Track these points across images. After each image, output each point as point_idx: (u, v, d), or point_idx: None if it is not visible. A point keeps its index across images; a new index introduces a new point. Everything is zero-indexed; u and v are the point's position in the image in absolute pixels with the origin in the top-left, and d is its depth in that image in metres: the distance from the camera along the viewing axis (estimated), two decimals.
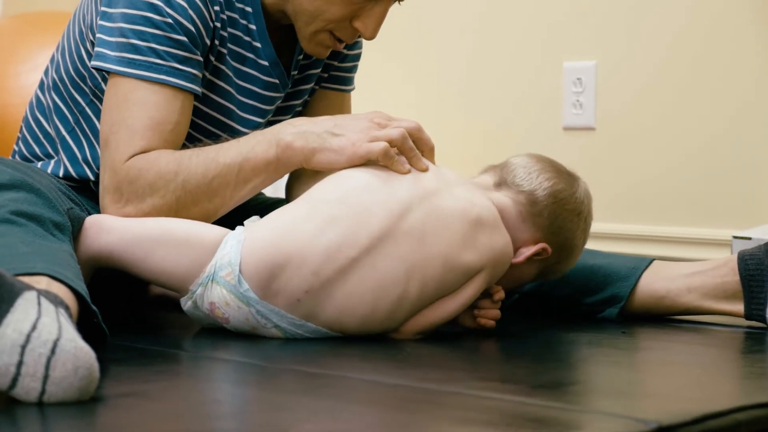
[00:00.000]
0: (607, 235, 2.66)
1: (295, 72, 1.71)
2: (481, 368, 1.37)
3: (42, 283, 1.21)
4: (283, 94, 1.69)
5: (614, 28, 2.68)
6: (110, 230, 1.48)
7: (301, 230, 1.42)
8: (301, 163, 1.49)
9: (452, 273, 1.45)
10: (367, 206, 1.44)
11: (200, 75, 1.56)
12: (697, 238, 2.59)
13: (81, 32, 1.64)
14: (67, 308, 1.15)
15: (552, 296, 1.71)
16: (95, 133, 1.64)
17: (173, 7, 1.52)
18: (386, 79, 2.99)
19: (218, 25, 1.58)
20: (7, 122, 2.63)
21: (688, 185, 2.60)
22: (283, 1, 1.60)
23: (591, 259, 1.72)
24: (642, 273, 1.68)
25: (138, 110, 1.51)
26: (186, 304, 1.46)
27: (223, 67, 1.62)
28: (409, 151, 1.49)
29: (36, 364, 1.06)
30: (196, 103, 1.59)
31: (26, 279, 1.21)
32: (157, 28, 1.51)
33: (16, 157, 1.73)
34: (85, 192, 1.65)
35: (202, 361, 1.38)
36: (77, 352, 1.07)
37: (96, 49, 1.55)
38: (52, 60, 1.72)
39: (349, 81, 1.81)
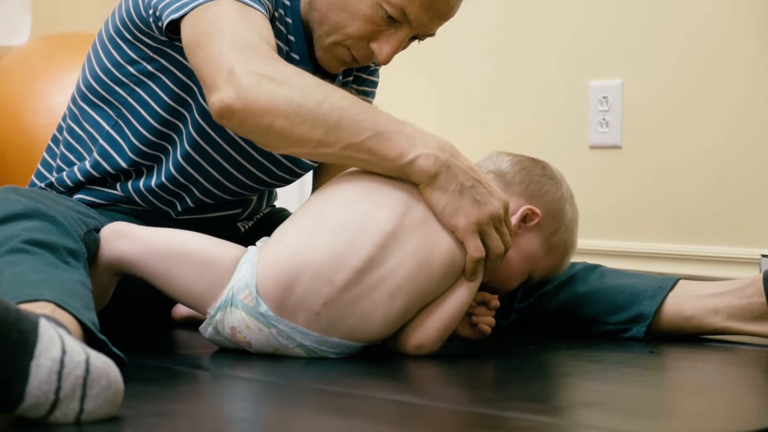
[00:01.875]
0: (634, 253, 2.64)
1: (341, 76, 1.73)
2: (508, 388, 1.37)
3: (47, 309, 1.22)
4: None
5: (640, 46, 2.68)
6: (130, 237, 1.48)
7: (309, 243, 1.42)
8: (419, 181, 1.45)
9: (457, 261, 1.46)
10: (370, 208, 1.44)
11: None
12: (724, 256, 2.57)
13: (116, 25, 1.66)
14: (69, 333, 1.16)
15: (577, 316, 1.71)
16: (139, 120, 1.65)
17: None
18: (410, 98, 3.00)
19: None
20: (35, 143, 2.65)
21: (716, 203, 2.59)
22: (311, 10, 1.62)
23: (616, 279, 1.72)
24: (668, 292, 1.67)
25: (236, 18, 1.46)
26: (207, 330, 1.46)
27: (281, 44, 1.63)
28: (492, 266, 1.49)
29: (74, 386, 1.06)
30: None
31: (31, 305, 1.22)
32: None
33: (53, 173, 1.74)
34: (105, 205, 1.67)
35: (225, 380, 1.38)
36: (106, 367, 1.09)
37: (167, 11, 1.52)
38: (82, 70, 1.73)
39: (369, 93, 1.82)
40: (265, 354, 1.45)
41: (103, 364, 1.09)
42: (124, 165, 1.67)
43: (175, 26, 1.53)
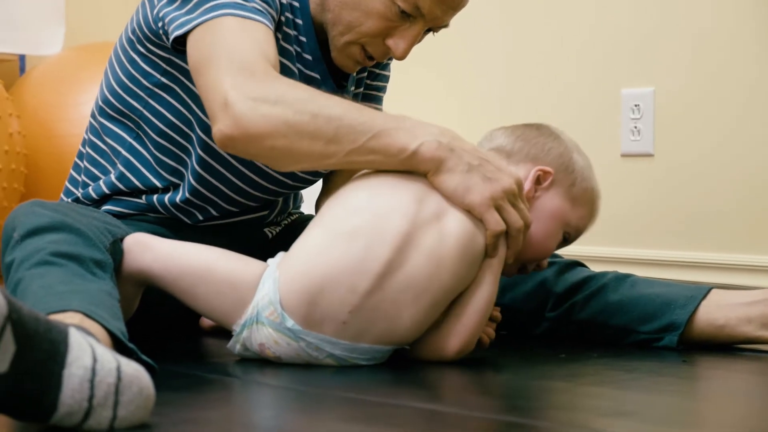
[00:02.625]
0: (666, 262, 2.63)
1: (353, 88, 1.74)
2: (539, 396, 1.36)
3: (75, 319, 1.23)
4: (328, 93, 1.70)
5: (672, 54, 2.67)
6: (152, 249, 1.48)
7: (327, 254, 1.42)
8: (427, 171, 1.46)
9: (476, 243, 1.46)
10: (382, 211, 1.44)
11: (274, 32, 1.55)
12: (758, 265, 2.56)
13: (130, 38, 1.67)
14: (98, 341, 1.16)
15: (608, 325, 1.70)
16: (156, 131, 1.66)
17: None
18: (435, 107, 2.99)
19: (284, 2, 1.61)
20: (68, 152, 2.67)
21: (749, 211, 2.57)
22: (323, 11, 1.63)
23: (648, 288, 1.71)
24: (701, 301, 1.66)
25: (237, 35, 1.47)
26: (235, 348, 1.47)
27: (289, 48, 1.63)
28: (515, 243, 1.49)
29: (106, 393, 1.07)
30: None
31: (60, 316, 1.23)
32: None
33: (79, 189, 1.76)
34: (133, 215, 1.68)
35: (254, 388, 1.38)
36: (137, 374, 1.09)
37: (172, 26, 1.54)
38: (101, 84, 1.75)
39: (377, 99, 1.83)
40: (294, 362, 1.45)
41: (134, 370, 1.09)
42: (150, 176, 1.68)
43: (181, 40, 1.55)
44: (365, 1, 1.58)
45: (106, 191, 1.71)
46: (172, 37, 1.55)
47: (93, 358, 1.08)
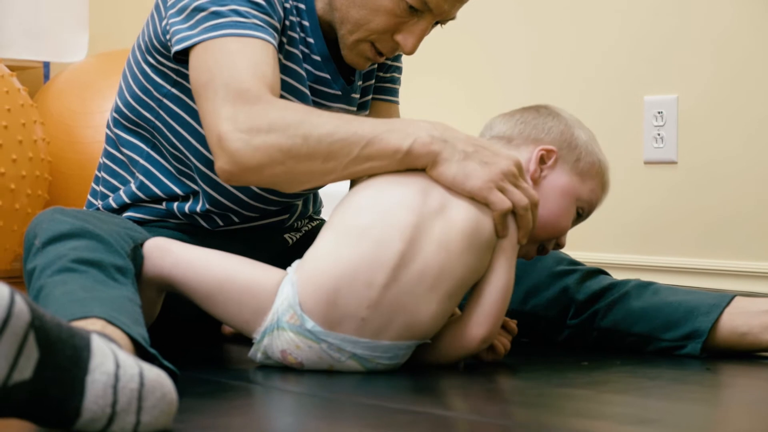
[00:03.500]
0: (689, 269, 2.62)
1: (361, 81, 1.74)
2: (561, 404, 1.36)
3: (97, 325, 1.24)
4: (338, 92, 1.71)
5: (696, 61, 2.66)
6: (171, 254, 1.49)
7: (339, 253, 1.43)
8: (425, 165, 1.48)
9: (483, 229, 1.46)
10: (389, 207, 1.45)
11: (278, 41, 1.57)
12: None
13: (141, 49, 1.68)
14: (120, 347, 1.17)
15: (631, 332, 1.69)
16: (169, 142, 1.67)
17: None
18: (457, 117, 2.99)
19: (288, 6, 1.62)
20: (92, 158, 2.68)
21: None
22: (331, 10, 1.64)
23: (671, 295, 1.70)
24: (724, 309, 1.65)
25: (235, 58, 1.50)
26: (256, 356, 1.47)
27: (295, 52, 1.65)
28: (525, 222, 1.49)
29: (129, 398, 1.07)
30: None
31: (82, 323, 1.23)
32: None
33: (98, 200, 1.77)
34: (154, 221, 1.69)
35: (277, 394, 1.38)
36: (160, 379, 1.09)
37: (175, 39, 1.56)
38: (116, 96, 1.76)
39: (393, 92, 1.84)
40: (317, 369, 1.45)
41: (156, 376, 1.09)
42: (170, 184, 1.69)
43: (183, 53, 1.56)
44: None
45: (127, 201, 1.72)
46: (173, 51, 1.57)
47: (116, 363, 1.08)
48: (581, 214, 1.62)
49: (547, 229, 1.57)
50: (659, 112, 2.71)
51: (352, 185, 1.78)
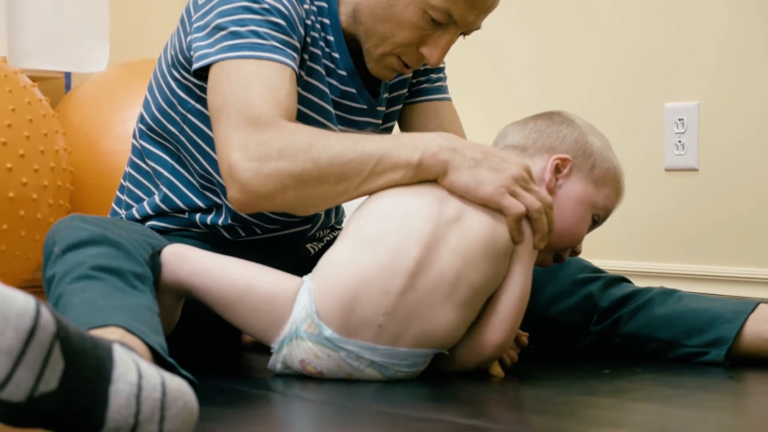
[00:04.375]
0: (712, 277, 2.61)
1: (386, 93, 1.74)
2: (583, 412, 1.35)
3: (117, 334, 1.24)
4: (364, 106, 1.71)
5: (717, 67, 2.65)
6: (189, 261, 1.49)
7: (355, 260, 1.43)
8: (437, 175, 1.48)
9: (499, 238, 1.46)
10: (405, 214, 1.46)
11: (298, 60, 1.57)
12: None
13: (168, 62, 1.69)
14: (141, 357, 1.17)
15: (654, 339, 1.68)
16: (192, 156, 1.68)
17: None
18: (476, 128, 2.99)
19: (309, 23, 1.62)
20: (113, 168, 2.69)
21: None
22: (355, 23, 1.64)
23: (694, 302, 1.69)
24: (748, 316, 1.64)
25: (250, 82, 1.51)
26: (276, 367, 1.47)
27: (317, 68, 1.65)
28: (540, 225, 1.49)
29: (152, 408, 1.07)
30: (297, 105, 1.61)
31: (101, 331, 1.23)
32: (255, 13, 1.55)
33: (122, 209, 1.77)
34: (177, 230, 1.69)
35: (297, 403, 1.38)
36: (181, 388, 1.09)
37: (195, 55, 1.57)
38: (141, 107, 1.76)
39: (435, 90, 1.82)
40: (336, 378, 1.45)
41: (178, 385, 1.09)
42: (193, 197, 1.69)
43: (202, 70, 1.57)
44: (397, 12, 1.59)
45: (150, 212, 1.72)
46: (193, 67, 1.58)
47: (138, 373, 1.08)
48: (597, 221, 1.62)
49: (564, 238, 1.57)
50: (680, 119, 2.70)
51: None
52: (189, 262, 1.48)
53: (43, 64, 3.18)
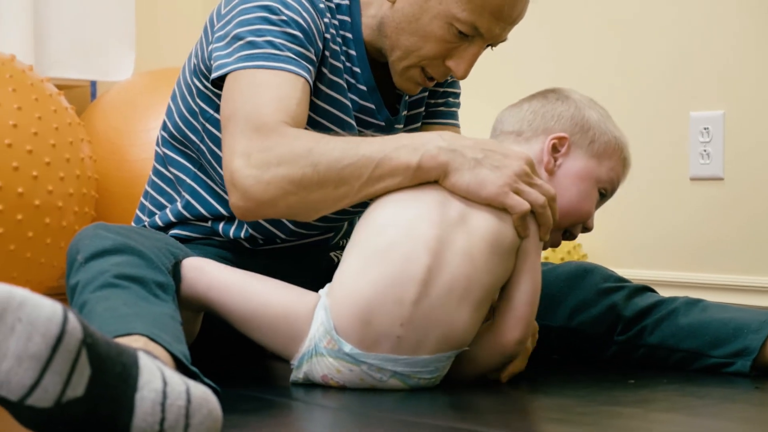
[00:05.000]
0: (737, 287, 2.59)
1: (405, 111, 1.74)
2: (608, 423, 1.34)
3: (140, 342, 1.24)
4: (382, 123, 1.71)
5: (742, 76, 2.63)
6: (207, 275, 1.49)
7: (366, 273, 1.43)
8: (437, 177, 1.48)
9: (505, 236, 1.46)
10: (411, 221, 1.45)
11: (313, 73, 1.58)
12: None
13: (191, 71, 1.70)
14: (165, 364, 1.17)
15: (678, 349, 1.67)
16: (211, 165, 1.69)
17: (287, 6, 1.57)
18: None
19: (328, 36, 1.63)
20: (138, 176, 2.70)
21: None
22: (379, 36, 1.64)
23: (720, 312, 1.68)
24: None
25: (261, 91, 1.52)
26: (298, 380, 1.47)
27: (339, 81, 1.65)
28: (545, 220, 1.50)
29: (177, 416, 1.08)
30: (318, 117, 1.61)
31: (124, 339, 1.24)
32: (273, 24, 1.56)
33: (146, 217, 1.78)
34: (199, 239, 1.70)
35: (320, 411, 1.38)
36: (206, 396, 1.10)
37: (214, 65, 1.58)
38: (165, 114, 1.77)
39: (448, 115, 1.83)
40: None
41: (202, 393, 1.10)
42: (215, 204, 1.70)
43: (220, 79, 1.58)
44: (423, 25, 1.59)
45: (173, 219, 1.73)
46: (211, 77, 1.59)
47: (163, 381, 1.08)
48: (604, 194, 1.61)
49: (571, 216, 1.57)
50: (705, 128, 2.69)
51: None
52: (205, 277, 1.49)
53: (69, 73, 3.20)
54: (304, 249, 1.75)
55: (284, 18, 1.56)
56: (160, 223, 1.74)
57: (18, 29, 3.05)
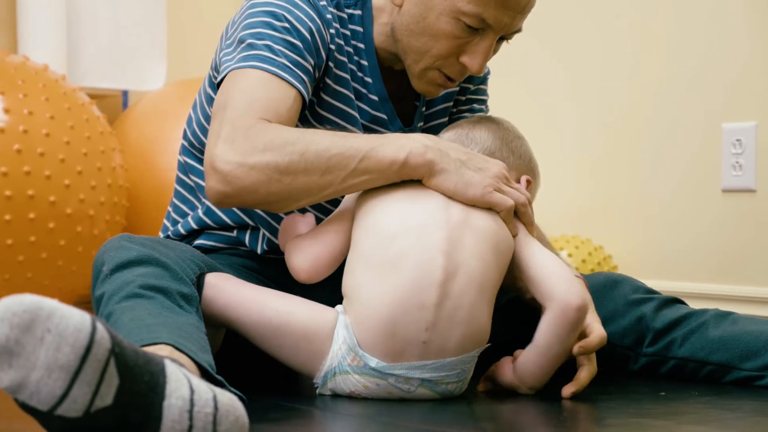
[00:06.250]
0: None
1: (422, 123, 1.75)
2: None
3: (165, 351, 1.25)
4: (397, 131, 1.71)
5: None
6: (225, 293, 1.49)
7: (384, 284, 1.42)
8: (422, 175, 1.49)
9: (502, 236, 1.49)
10: (418, 226, 1.45)
11: (309, 84, 1.58)
12: None
13: (208, 79, 1.72)
14: (191, 372, 1.17)
15: (709, 362, 1.66)
16: None
17: (292, 14, 1.58)
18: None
19: (333, 47, 1.63)
20: (169, 185, 2.71)
21: None
22: (393, 42, 1.65)
23: (750, 325, 1.67)
24: None
25: (254, 89, 1.53)
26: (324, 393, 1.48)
27: (345, 92, 1.66)
28: (527, 218, 1.54)
29: (204, 423, 1.08)
30: (323, 127, 1.62)
31: (150, 348, 1.24)
32: (274, 30, 1.57)
33: (170, 226, 1.79)
34: (224, 249, 1.71)
35: (342, 419, 1.38)
36: (232, 403, 1.10)
37: (221, 70, 1.60)
38: (187, 121, 1.78)
39: (477, 110, 1.83)
40: None
41: (228, 400, 1.10)
42: (236, 211, 1.70)
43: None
44: (430, 24, 1.59)
45: (194, 227, 1.74)
46: (216, 81, 1.61)
47: (190, 389, 1.09)
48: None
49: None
50: (738, 140, 2.67)
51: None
52: (223, 295, 1.48)
53: (102, 82, 3.22)
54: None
55: (287, 26, 1.58)
56: (183, 231, 1.75)
57: (51, 39, 3.07)
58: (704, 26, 2.74)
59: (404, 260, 1.43)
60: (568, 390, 1.51)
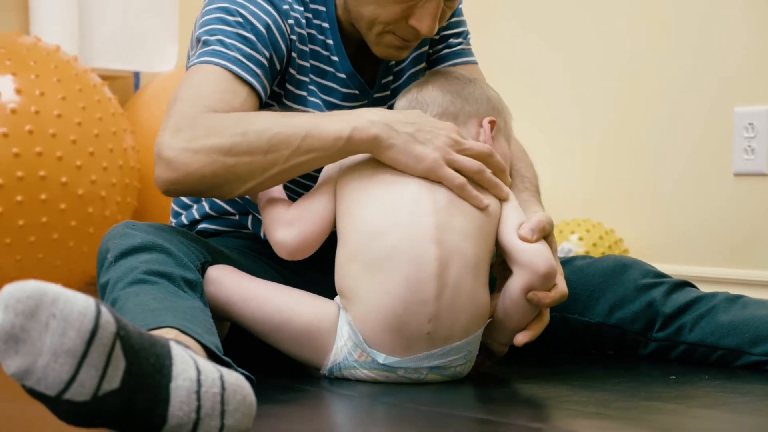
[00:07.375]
0: None
1: (390, 78, 1.73)
2: (651, 419, 1.34)
3: (171, 335, 1.25)
4: (365, 101, 1.71)
5: None
6: (225, 288, 1.49)
7: (380, 281, 1.42)
8: (369, 150, 1.49)
9: (490, 216, 1.49)
10: (407, 216, 1.44)
11: (264, 77, 1.58)
12: None
13: None
14: (196, 353, 1.17)
15: (719, 346, 1.65)
16: None
17: (246, 9, 1.59)
18: (540, 129, 2.97)
19: (294, 38, 1.63)
20: None
21: None
22: (348, 13, 1.64)
23: (761, 309, 1.66)
24: None
25: (202, 84, 1.53)
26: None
27: (306, 80, 1.66)
28: (488, 182, 1.51)
29: (213, 403, 1.08)
30: None
31: (156, 332, 1.24)
32: (227, 25, 1.58)
33: (174, 217, 1.80)
34: (228, 232, 1.72)
35: (348, 400, 1.39)
36: (239, 382, 1.10)
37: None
38: None
39: (455, 55, 1.80)
40: None
41: (235, 379, 1.10)
42: (240, 201, 1.70)
43: None
44: None
45: (197, 217, 1.75)
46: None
47: (197, 369, 1.09)
48: None
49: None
50: (750, 124, 2.66)
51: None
52: (224, 291, 1.48)
53: (113, 64, 3.22)
54: (332, 240, 1.75)
55: (240, 19, 1.58)
56: (185, 221, 1.77)
57: (63, 20, 3.08)
58: (716, 10, 2.73)
59: (397, 257, 1.42)
60: (521, 338, 1.51)
